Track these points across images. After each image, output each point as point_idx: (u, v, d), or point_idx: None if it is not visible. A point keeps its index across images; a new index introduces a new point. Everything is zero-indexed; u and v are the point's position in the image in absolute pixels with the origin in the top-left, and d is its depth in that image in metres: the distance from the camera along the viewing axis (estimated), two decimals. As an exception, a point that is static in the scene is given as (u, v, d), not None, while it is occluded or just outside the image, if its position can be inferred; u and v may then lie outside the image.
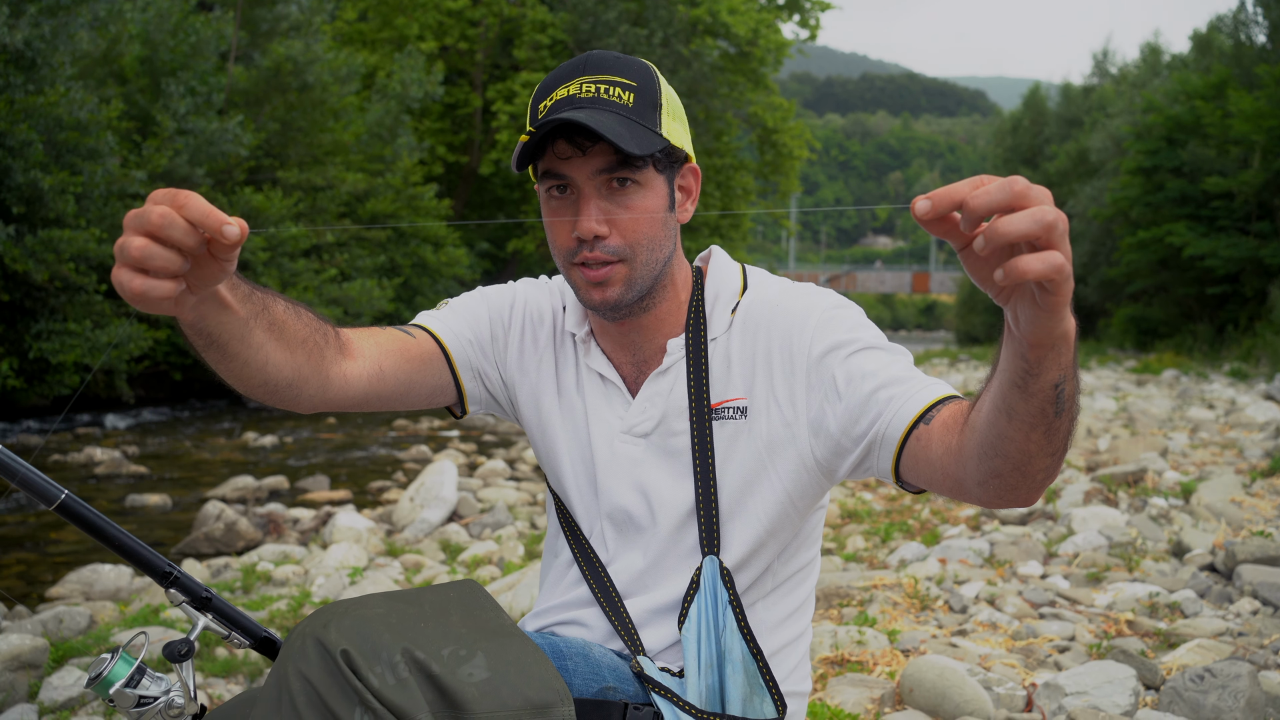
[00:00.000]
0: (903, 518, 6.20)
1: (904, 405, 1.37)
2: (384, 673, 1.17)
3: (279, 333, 1.33)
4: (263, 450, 10.86)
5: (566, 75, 1.51)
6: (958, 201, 0.94)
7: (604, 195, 1.49)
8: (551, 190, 1.51)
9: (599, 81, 1.49)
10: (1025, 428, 1.11)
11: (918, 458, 1.34)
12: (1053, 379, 1.06)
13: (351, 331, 1.53)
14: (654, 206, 1.52)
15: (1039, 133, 40.70)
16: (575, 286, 1.55)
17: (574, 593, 1.64)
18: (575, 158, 1.47)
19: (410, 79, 21.44)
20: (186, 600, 1.44)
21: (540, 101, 1.51)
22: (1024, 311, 0.99)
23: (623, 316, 1.58)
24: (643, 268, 1.53)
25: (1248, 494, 6.05)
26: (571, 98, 1.47)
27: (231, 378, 1.34)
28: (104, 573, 5.16)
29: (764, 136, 28.55)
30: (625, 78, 1.50)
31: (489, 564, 5.31)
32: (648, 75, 1.52)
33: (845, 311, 1.55)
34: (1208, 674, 2.90)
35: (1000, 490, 1.22)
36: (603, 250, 1.49)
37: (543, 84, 1.54)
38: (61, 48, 13.21)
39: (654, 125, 1.50)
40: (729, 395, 1.57)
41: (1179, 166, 23.55)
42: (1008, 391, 1.10)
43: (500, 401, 1.75)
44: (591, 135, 1.44)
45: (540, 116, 1.49)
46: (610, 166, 1.47)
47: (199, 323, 1.22)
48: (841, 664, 3.39)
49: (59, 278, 12.83)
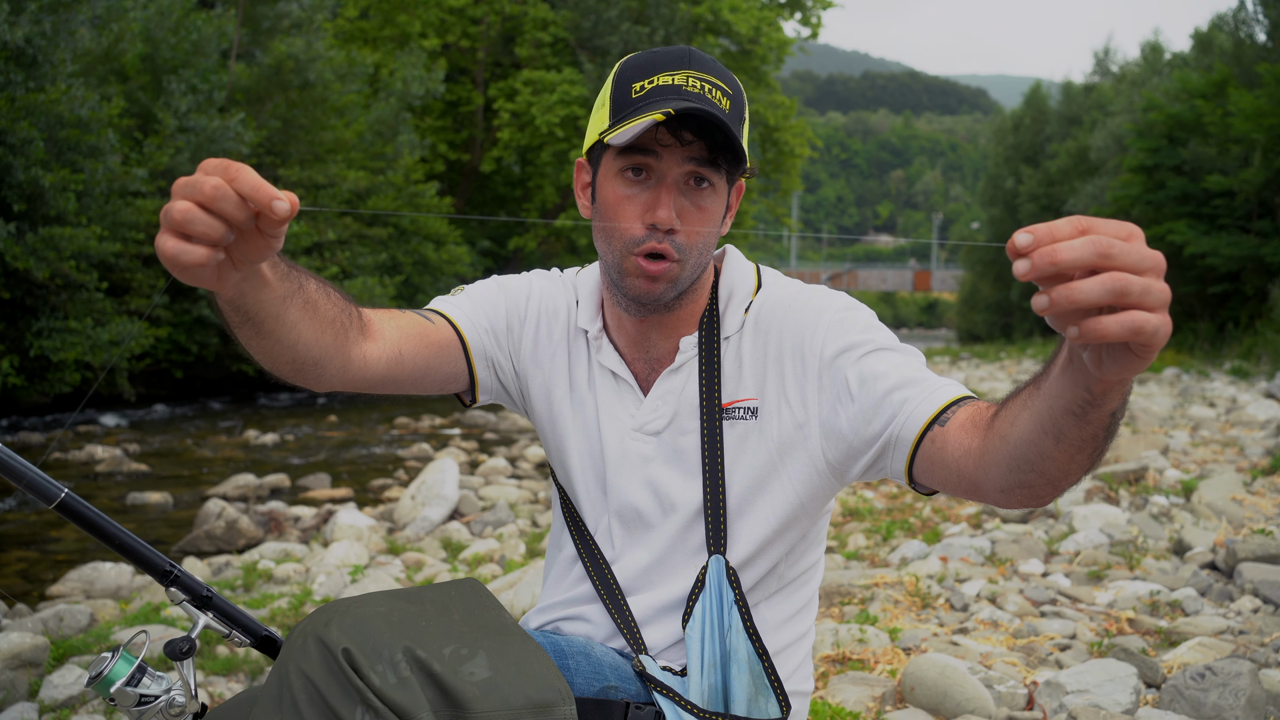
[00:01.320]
0: (904, 516, 6.20)
1: (918, 407, 1.37)
2: (385, 671, 1.17)
3: (312, 311, 1.32)
4: (264, 448, 10.87)
5: (671, 63, 1.49)
6: (1055, 257, 0.88)
7: (681, 190, 1.49)
8: (627, 171, 1.50)
9: (704, 80, 1.48)
10: (1073, 450, 1.10)
11: (932, 460, 1.34)
12: (1112, 408, 1.04)
13: (373, 312, 1.52)
14: (717, 212, 1.53)
15: (1040, 131, 40.68)
16: (623, 272, 1.53)
17: (577, 589, 1.64)
18: (673, 146, 1.46)
19: (412, 76, 21.44)
20: (187, 599, 1.44)
21: (635, 80, 1.49)
22: (1112, 357, 0.94)
23: (649, 312, 1.58)
24: (691, 270, 1.53)
25: (1248, 492, 6.04)
26: (678, 88, 1.46)
27: (261, 354, 1.33)
28: (104, 571, 5.16)
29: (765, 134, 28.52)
30: (725, 83, 1.50)
31: (490, 562, 5.31)
32: (739, 87, 1.53)
33: (857, 313, 1.55)
34: (1209, 672, 2.90)
35: (1025, 498, 1.21)
36: (670, 243, 1.49)
37: (635, 63, 1.52)
38: (62, 45, 13.22)
39: (741, 136, 1.50)
40: (740, 395, 1.57)
41: (1180, 165, 23.52)
42: (1060, 418, 1.07)
43: (511, 392, 1.74)
44: (705, 128, 1.44)
45: (636, 95, 1.48)
46: (700, 162, 1.47)
47: (239, 299, 1.21)
48: (843, 662, 3.39)
49: (60, 275, 12.84)
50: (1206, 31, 28.69)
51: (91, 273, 13.19)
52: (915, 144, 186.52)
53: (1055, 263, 0.87)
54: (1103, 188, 29.24)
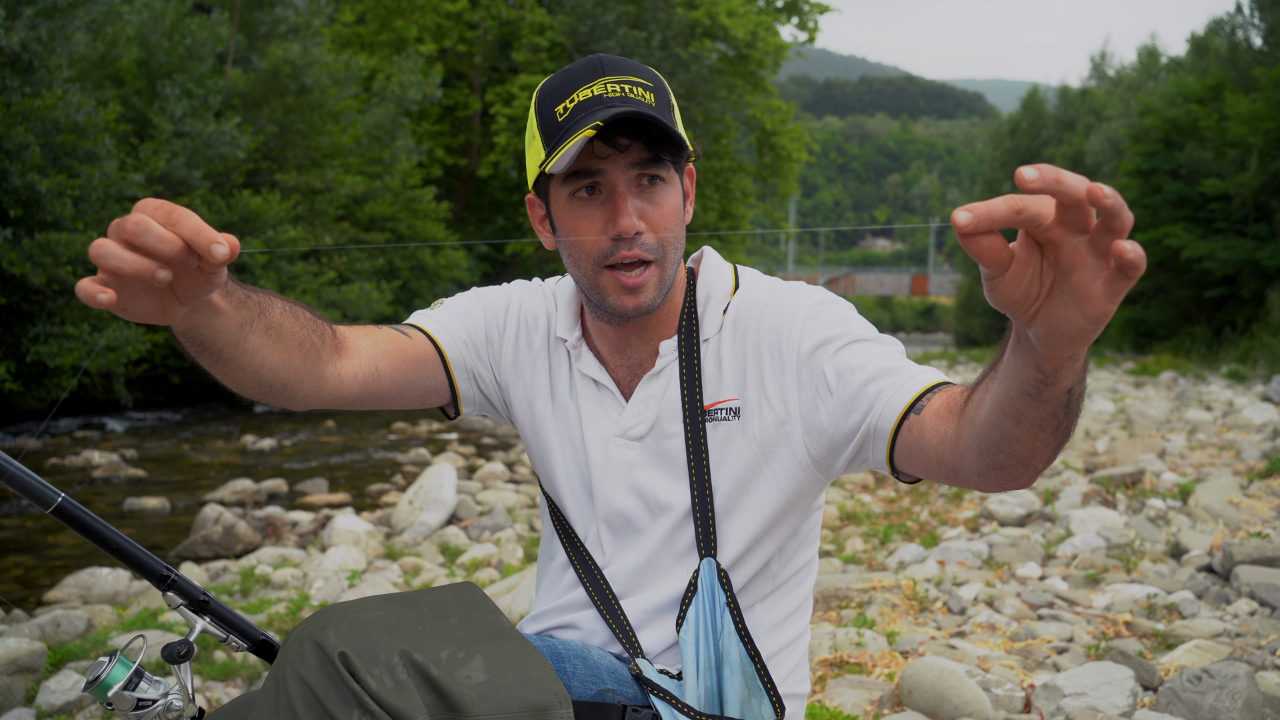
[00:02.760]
0: (901, 520, 6.21)
1: (894, 396, 1.37)
2: (382, 675, 1.17)
3: (275, 336, 1.32)
4: (261, 453, 10.86)
5: (585, 77, 1.49)
6: (1017, 206, 0.87)
7: (635, 194, 1.49)
8: (578, 193, 1.50)
9: (622, 82, 1.48)
10: (1034, 429, 1.11)
11: (911, 448, 1.34)
12: (1066, 385, 1.05)
13: (348, 330, 1.53)
14: (676, 204, 1.54)
15: (1037, 135, 40.77)
16: (603, 292, 1.53)
17: (570, 595, 1.64)
18: (613, 155, 1.47)
19: (409, 81, 21.44)
20: (184, 603, 1.44)
21: (556, 104, 1.49)
22: (1061, 324, 0.93)
23: (631, 320, 1.58)
24: (670, 268, 1.54)
25: (1245, 495, 6.05)
26: (599, 98, 1.46)
27: (225, 379, 1.34)
28: (102, 576, 5.16)
29: (763, 139, 28.55)
30: (642, 78, 1.50)
31: (488, 566, 5.31)
32: (658, 77, 1.53)
33: (833, 306, 1.55)
34: (1205, 675, 2.90)
35: (1001, 480, 1.22)
36: (640, 247, 1.49)
37: (551, 86, 1.51)
38: (58, 50, 13.21)
39: (674, 124, 1.50)
40: (722, 396, 1.57)
41: (1176, 169, 23.57)
42: (1017, 399, 1.08)
43: (494, 403, 1.75)
44: (637, 128, 1.44)
45: (562, 118, 1.47)
46: (644, 161, 1.47)
47: (191, 330, 1.21)
48: (840, 666, 3.39)
49: (56, 281, 12.82)
50: (1203, 36, 28.77)
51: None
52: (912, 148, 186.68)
53: (1059, 181, 0.85)
54: (1099, 191, 29.23)
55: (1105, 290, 0.89)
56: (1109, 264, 0.88)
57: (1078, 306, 0.91)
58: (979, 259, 0.90)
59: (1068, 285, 0.91)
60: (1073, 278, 0.90)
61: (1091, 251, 0.88)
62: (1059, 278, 0.91)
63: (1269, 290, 19.70)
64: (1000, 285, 0.92)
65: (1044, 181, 0.84)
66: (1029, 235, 0.90)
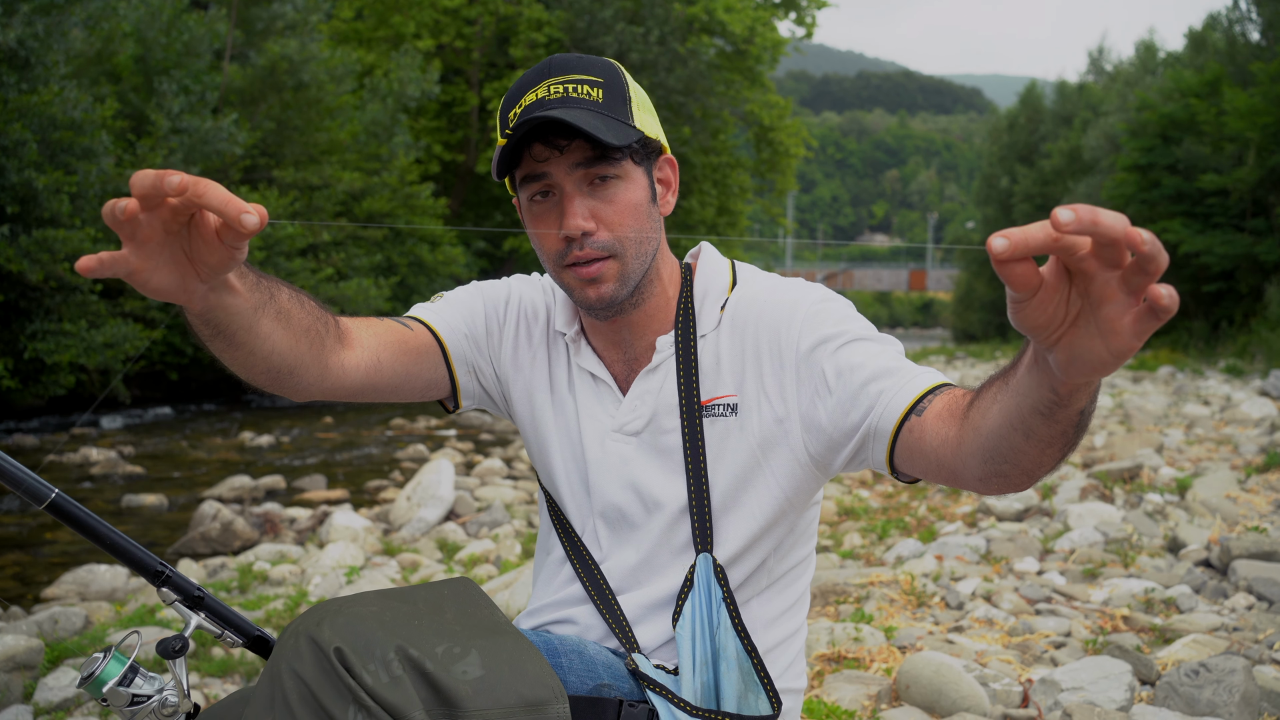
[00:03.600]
0: (899, 515, 6.21)
1: (895, 397, 1.37)
2: (378, 671, 1.17)
3: (284, 321, 1.32)
4: (259, 450, 10.86)
5: (532, 81, 1.50)
6: (1049, 239, 0.85)
7: (586, 193, 1.49)
8: (534, 197, 1.51)
9: (566, 81, 1.48)
10: (1042, 445, 1.10)
11: (911, 449, 1.34)
12: (1079, 407, 1.04)
13: (350, 321, 1.53)
14: (637, 199, 1.52)
15: (1035, 130, 40.74)
16: (569, 289, 1.55)
17: (567, 590, 1.64)
18: (553, 157, 1.47)
19: (406, 77, 21.42)
20: (179, 599, 1.43)
21: (510, 110, 1.51)
22: (1084, 354, 0.92)
23: (614, 314, 1.58)
24: (633, 261, 1.53)
25: (1243, 490, 6.06)
26: (541, 100, 1.47)
27: (235, 365, 1.34)
28: (99, 573, 5.15)
29: (760, 134, 28.56)
30: (591, 75, 1.50)
31: (486, 563, 5.31)
32: (613, 70, 1.53)
33: (833, 304, 1.55)
34: (1203, 669, 2.90)
35: (1002, 486, 1.22)
36: (592, 246, 1.49)
37: (508, 94, 1.53)
38: (55, 46, 13.18)
39: (626, 118, 1.49)
40: (719, 392, 1.57)
41: (1174, 164, 23.56)
42: (1028, 416, 1.08)
43: (494, 397, 1.75)
44: (565, 130, 1.44)
45: (513, 125, 1.49)
46: (588, 160, 1.47)
47: (207, 313, 1.21)
48: (838, 661, 3.39)
49: (54, 278, 12.81)
50: (1200, 30, 28.75)
51: (85, 275, 13.15)
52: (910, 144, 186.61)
53: (1095, 223, 0.84)
54: (1096, 187, 29.29)
55: (1133, 327, 0.88)
56: (1139, 301, 0.87)
57: (1103, 340, 0.90)
58: (1010, 284, 0.88)
59: (1096, 318, 0.90)
60: (1101, 311, 0.89)
61: (1123, 287, 0.87)
62: (1087, 308, 0.90)
63: (1267, 285, 19.71)
64: (1027, 309, 0.91)
65: (1080, 223, 0.82)
66: (1060, 262, 0.89)
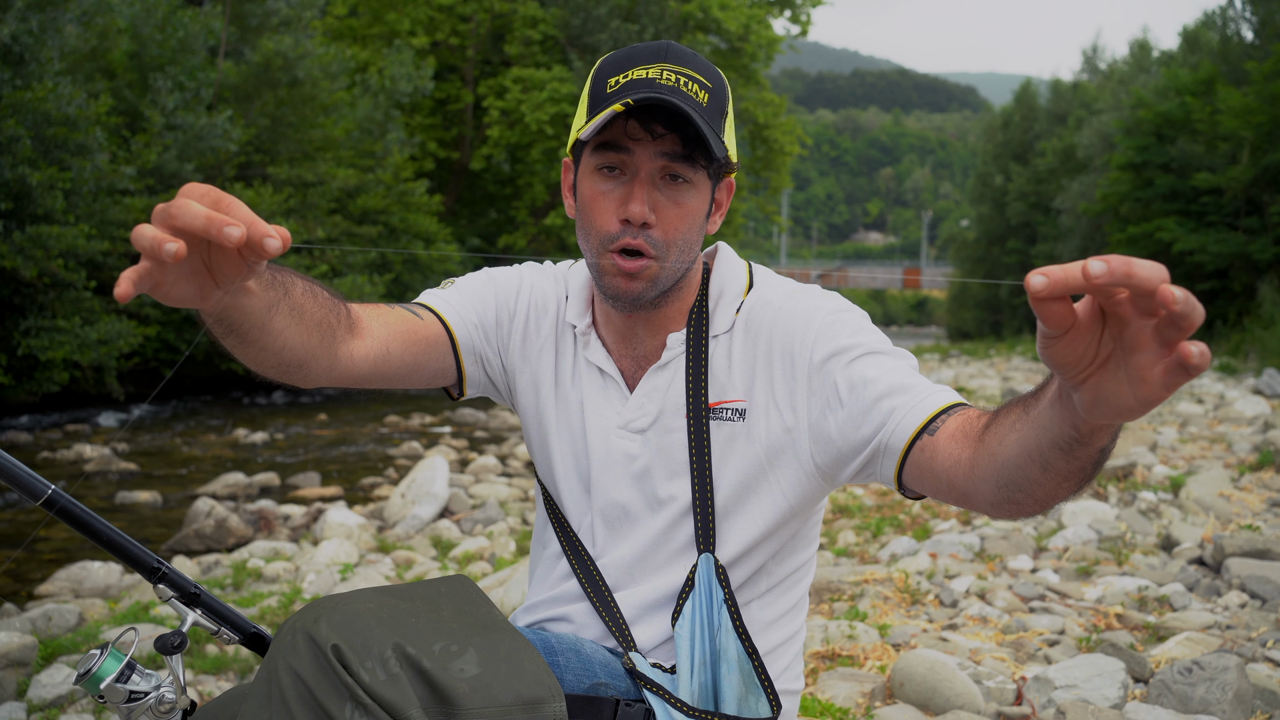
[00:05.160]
0: (894, 513, 6.22)
1: (907, 415, 1.36)
2: (375, 668, 1.17)
3: (297, 316, 1.32)
4: (253, 447, 10.84)
5: (646, 57, 1.47)
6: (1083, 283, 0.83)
7: (656, 185, 1.48)
8: (603, 168, 1.49)
9: (680, 72, 1.46)
10: (1059, 479, 1.10)
11: (922, 469, 1.33)
12: (1100, 445, 1.03)
13: (361, 309, 1.51)
14: (697, 210, 1.51)
15: (1030, 129, 40.79)
16: (601, 271, 1.52)
17: (563, 586, 1.64)
18: (644, 140, 1.45)
19: (401, 74, 21.38)
20: (175, 595, 1.43)
21: (611, 75, 1.48)
22: (1110, 397, 0.91)
23: (635, 309, 1.56)
24: (671, 268, 1.51)
25: (1236, 488, 6.07)
26: (651, 81, 1.44)
27: (247, 360, 1.33)
28: (93, 570, 5.14)
29: (755, 132, 28.52)
30: (704, 76, 1.48)
31: (480, 560, 5.31)
32: (721, 80, 1.51)
33: (848, 316, 1.53)
34: (1196, 667, 2.91)
35: (1013, 512, 1.21)
36: (646, 239, 1.48)
37: (613, 59, 1.50)
38: (49, 42, 13.15)
39: (720, 130, 1.48)
40: (728, 396, 1.55)
41: (1168, 162, 23.61)
42: (1048, 450, 1.06)
43: (499, 387, 1.73)
44: (674, 120, 1.43)
45: (610, 90, 1.46)
46: (674, 156, 1.46)
47: (222, 314, 1.20)
48: (832, 658, 3.39)
49: (48, 274, 12.78)
50: (1194, 29, 28.80)
51: (80, 271, 13.13)
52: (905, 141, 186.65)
53: (1129, 275, 0.82)
54: (1091, 185, 29.34)
55: (1163, 378, 0.86)
56: (1171, 353, 0.85)
57: (1131, 387, 0.89)
58: (1044, 320, 0.87)
59: (1126, 364, 0.88)
60: (1133, 358, 0.88)
61: (1156, 337, 0.86)
62: (1119, 352, 0.89)
63: (1260, 283, 19.74)
64: (1057, 346, 0.89)
65: (1113, 275, 0.81)
66: (1096, 302, 0.88)
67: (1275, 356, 16.16)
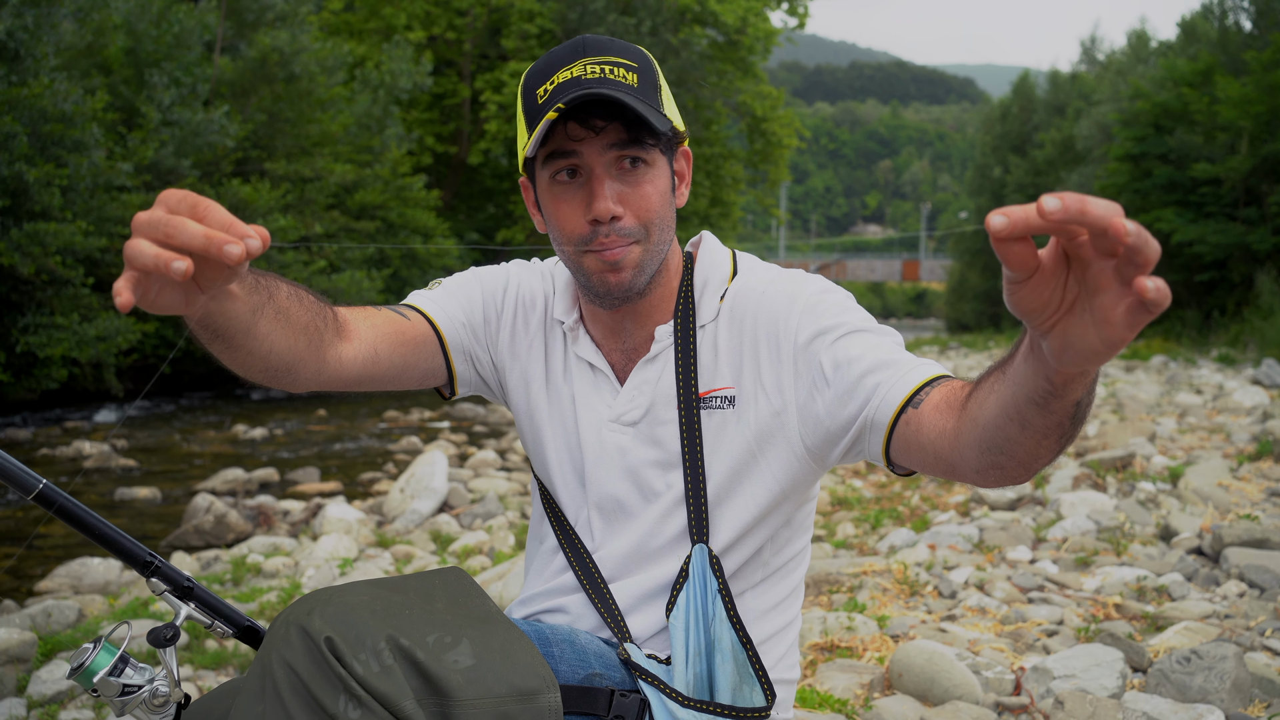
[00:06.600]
0: (892, 504, 6.22)
1: (892, 390, 1.36)
2: (369, 660, 1.17)
3: (283, 320, 1.32)
4: (252, 443, 10.84)
5: (565, 58, 1.48)
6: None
7: (615, 176, 1.48)
8: (558, 175, 1.49)
9: (602, 63, 1.47)
10: (1038, 436, 1.10)
11: (908, 442, 1.33)
12: (1075, 398, 1.03)
13: (348, 311, 1.52)
14: (662, 188, 1.52)
15: (1028, 120, 40.78)
16: (587, 273, 1.52)
17: (559, 579, 1.64)
18: (588, 138, 1.45)
19: (398, 69, 21.35)
20: (168, 589, 1.43)
21: (537, 87, 1.48)
22: (1077, 342, 0.92)
23: (623, 302, 1.56)
24: (654, 249, 1.52)
25: (1235, 478, 6.08)
26: (577, 79, 1.45)
27: (234, 365, 1.33)
28: (93, 567, 5.14)
29: (753, 125, 28.52)
30: (627, 58, 1.49)
31: (479, 554, 5.31)
32: (645, 57, 1.52)
33: (831, 296, 1.54)
34: (1194, 656, 2.91)
35: (999, 478, 1.21)
36: (619, 232, 1.48)
37: (535, 70, 1.51)
38: (45, 39, 13.13)
39: (658, 105, 1.49)
40: (717, 384, 1.56)
41: (1166, 153, 23.59)
42: (1024, 406, 1.07)
43: (490, 385, 1.74)
44: (608, 110, 1.43)
45: (541, 101, 1.47)
46: (622, 144, 1.46)
47: (207, 319, 1.20)
48: (831, 650, 3.40)
49: (45, 271, 12.77)
50: (1192, 19, 28.76)
51: (77, 268, 13.12)
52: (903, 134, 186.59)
53: (1083, 211, 0.83)
54: (1090, 176, 29.32)
55: (1125, 318, 0.87)
56: (1132, 292, 0.86)
57: (1096, 329, 0.89)
58: (1007, 263, 0.88)
59: (1091, 306, 0.89)
60: (1096, 300, 0.88)
61: (1117, 277, 0.86)
62: (1084, 295, 0.90)
63: (1259, 274, 19.74)
64: (1023, 291, 0.90)
65: (1066, 212, 0.81)
66: (1060, 246, 0.88)
67: (1274, 347, 16.17)
